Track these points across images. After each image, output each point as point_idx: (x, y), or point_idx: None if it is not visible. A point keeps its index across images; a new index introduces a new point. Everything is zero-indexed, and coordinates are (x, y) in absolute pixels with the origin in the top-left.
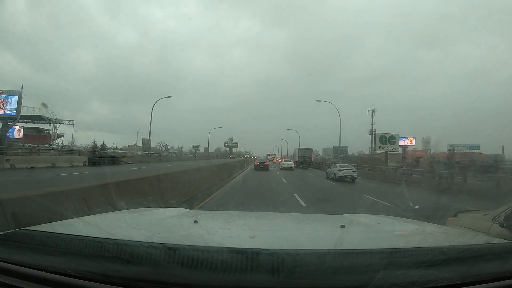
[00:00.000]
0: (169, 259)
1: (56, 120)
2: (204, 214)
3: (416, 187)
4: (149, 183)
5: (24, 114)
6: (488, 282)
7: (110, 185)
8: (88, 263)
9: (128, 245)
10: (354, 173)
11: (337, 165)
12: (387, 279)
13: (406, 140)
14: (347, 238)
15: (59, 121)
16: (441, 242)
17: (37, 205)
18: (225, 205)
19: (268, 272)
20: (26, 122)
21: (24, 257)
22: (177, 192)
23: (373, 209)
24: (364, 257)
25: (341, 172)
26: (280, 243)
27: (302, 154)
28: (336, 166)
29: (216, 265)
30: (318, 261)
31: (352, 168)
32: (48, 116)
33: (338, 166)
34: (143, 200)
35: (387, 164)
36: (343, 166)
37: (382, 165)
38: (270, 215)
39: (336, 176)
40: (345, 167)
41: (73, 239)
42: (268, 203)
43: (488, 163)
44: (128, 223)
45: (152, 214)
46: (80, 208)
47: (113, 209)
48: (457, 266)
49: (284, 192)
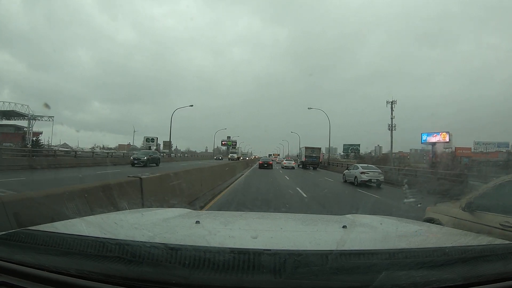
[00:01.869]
0: (171, 259)
1: (33, 116)
2: (206, 214)
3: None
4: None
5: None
6: (490, 283)
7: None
8: (90, 263)
9: (130, 245)
10: (380, 176)
11: (358, 166)
12: (389, 279)
13: (437, 136)
14: (349, 238)
15: (36, 117)
16: (443, 243)
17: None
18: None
19: (270, 272)
20: (1, 119)
21: (26, 257)
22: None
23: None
24: (366, 257)
25: (364, 175)
26: (282, 244)
27: (310, 154)
28: (357, 167)
29: (218, 265)
30: (320, 262)
31: (377, 169)
32: (24, 111)
33: (360, 168)
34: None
35: (434, 167)
36: (366, 168)
37: (406, 165)
38: (272, 215)
39: (358, 180)
40: (368, 168)
41: (75, 239)
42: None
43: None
44: (130, 223)
45: (154, 214)
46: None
47: (115, 209)
48: (459, 267)
49: (307, 208)
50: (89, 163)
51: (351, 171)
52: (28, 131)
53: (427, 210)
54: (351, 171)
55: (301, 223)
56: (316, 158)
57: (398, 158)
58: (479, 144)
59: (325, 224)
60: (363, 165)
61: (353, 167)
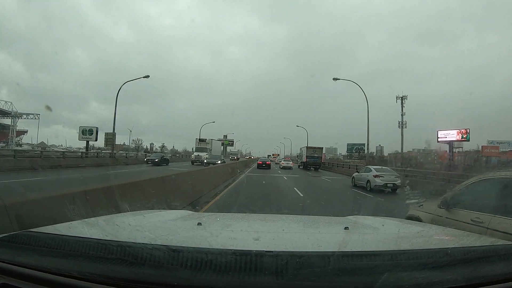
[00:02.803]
0: (172, 261)
1: (16, 113)
2: (208, 216)
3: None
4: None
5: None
6: (493, 284)
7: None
8: (92, 265)
9: (132, 247)
10: (397, 180)
11: (370, 168)
12: (391, 281)
13: (453, 134)
14: (351, 240)
15: (21, 114)
16: (446, 244)
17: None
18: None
19: (272, 274)
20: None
21: (28, 259)
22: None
23: None
24: (368, 259)
25: (379, 179)
26: (284, 245)
27: (311, 154)
28: (370, 169)
29: (220, 267)
30: (322, 263)
31: (394, 173)
32: (7, 109)
33: (373, 170)
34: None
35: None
36: (381, 170)
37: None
38: (274, 217)
39: (371, 184)
40: (383, 171)
41: (77, 241)
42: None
43: None
44: (131, 225)
45: (156, 216)
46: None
47: (117, 211)
48: (461, 268)
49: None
50: (63, 164)
51: (362, 174)
52: (11, 129)
53: (410, 208)
54: (362, 174)
55: (303, 224)
56: (317, 159)
57: (407, 159)
58: (493, 143)
59: (327, 226)
60: (376, 167)
61: (365, 170)
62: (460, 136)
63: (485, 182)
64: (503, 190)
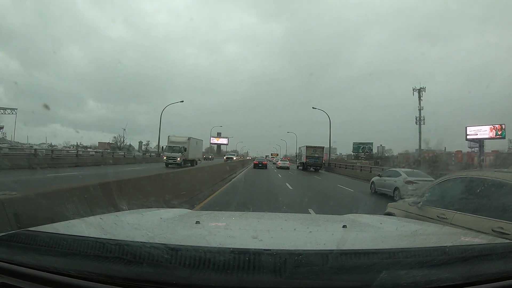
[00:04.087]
0: (171, 260)
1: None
2: (206, 215)
3: None
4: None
5: None
6: (491, 282)
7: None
8: (90, 263)
9: (130, 246)
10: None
11: (400, 172)
12: (389, 279)
13: (485, 130)
14: (350, 238)
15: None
16: (444, 242)
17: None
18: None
19: (270, 272)
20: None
21: (26, 258)
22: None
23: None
24: (366, 257)
25: (413, 186)
26: (283, 243)
27: (311, 154)
28: (399, 173)
29: (218, 266)
30: (320, 261)
31: (429, 177)
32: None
33: (403, 174)
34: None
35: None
36: (413, 174)
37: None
38: (272, 215)
39: (400, 193)
40: (416, 175)
41: (75, 239)
42: None
43: None
44: (130, 224)
45: (154, 214)
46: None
47: (115, 209)
48: (459, 266)
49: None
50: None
51: (387, 179)
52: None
53: (388, 206)
54: (386, 179)
55: (301, 223)
56: (318, 159)
57: (429, 159)
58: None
59: (326, 224)
60: (406, 170)
61: (390, 173)
62: (494, 132)
63: (450, 182)
64: (464, 189)
